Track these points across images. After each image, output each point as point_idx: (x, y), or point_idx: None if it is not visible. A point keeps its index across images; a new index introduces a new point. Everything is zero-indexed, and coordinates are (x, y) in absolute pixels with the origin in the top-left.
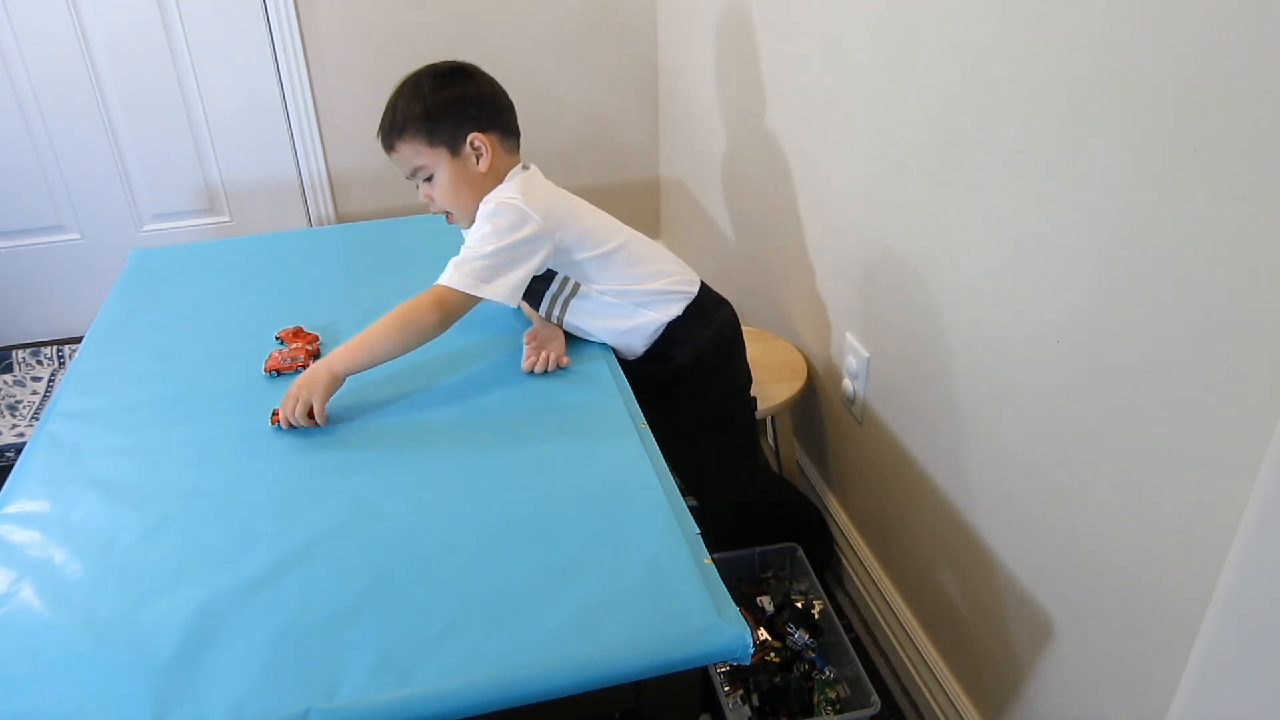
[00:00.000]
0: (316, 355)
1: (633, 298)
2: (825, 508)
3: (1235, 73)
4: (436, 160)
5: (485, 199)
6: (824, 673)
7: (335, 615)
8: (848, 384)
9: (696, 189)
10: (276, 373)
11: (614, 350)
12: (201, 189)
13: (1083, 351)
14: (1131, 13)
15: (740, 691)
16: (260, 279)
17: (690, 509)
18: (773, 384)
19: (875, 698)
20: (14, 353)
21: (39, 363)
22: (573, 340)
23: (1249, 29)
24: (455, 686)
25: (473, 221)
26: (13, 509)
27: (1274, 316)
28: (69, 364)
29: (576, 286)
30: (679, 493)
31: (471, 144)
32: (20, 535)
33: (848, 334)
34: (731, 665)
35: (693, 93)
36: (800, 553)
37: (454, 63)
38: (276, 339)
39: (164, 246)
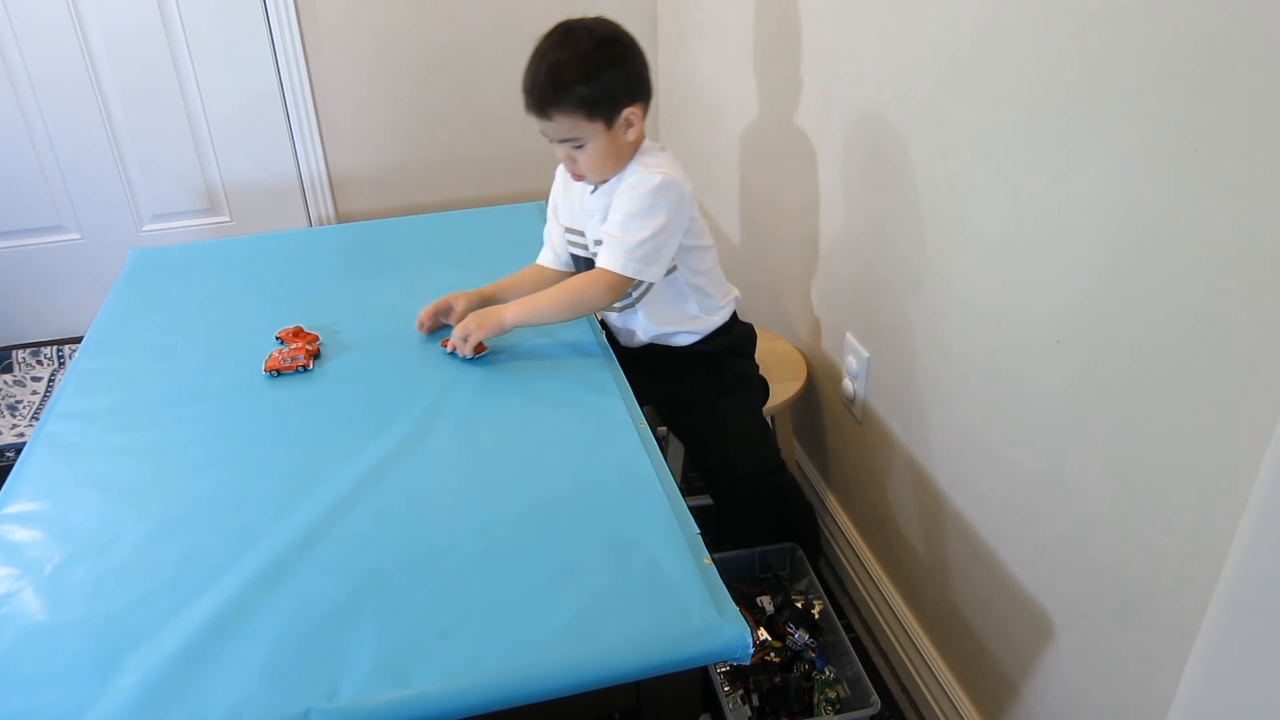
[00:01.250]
0: (316, 355)
1: (702, 296)
2: (825, 507)
3: (1235, 72)
4: (593, 133)
5: (644, 173)
6: (824, 673)
7: (335, 615)
8: (848, 384)
9: (696, 189)
10: (276, 373)
11: (653, 339)
12: (201, 189)
13: (1083, 351)
14: (1131, 12)
15: (740, 691)
16: (260, 279)
17: (690, 509)
18: (773, 384)
19: (875, 698)
20: (14, 353)
21: (39, 363)
22: (573, 341)
23: (1249, 28)
24: (455, 686)
25: (603, 180)
26: (13, 509)
27: (1274, 316)
28: (69, 364)
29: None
30: (679, 493)
31: (627, 118)
32: (20, 535)
33: (848, 334)
34: (731, 665)
35: (692, 93)
36: (800, 552)
37: (609, 26)
38: (276, 339)
39: (164, 246)
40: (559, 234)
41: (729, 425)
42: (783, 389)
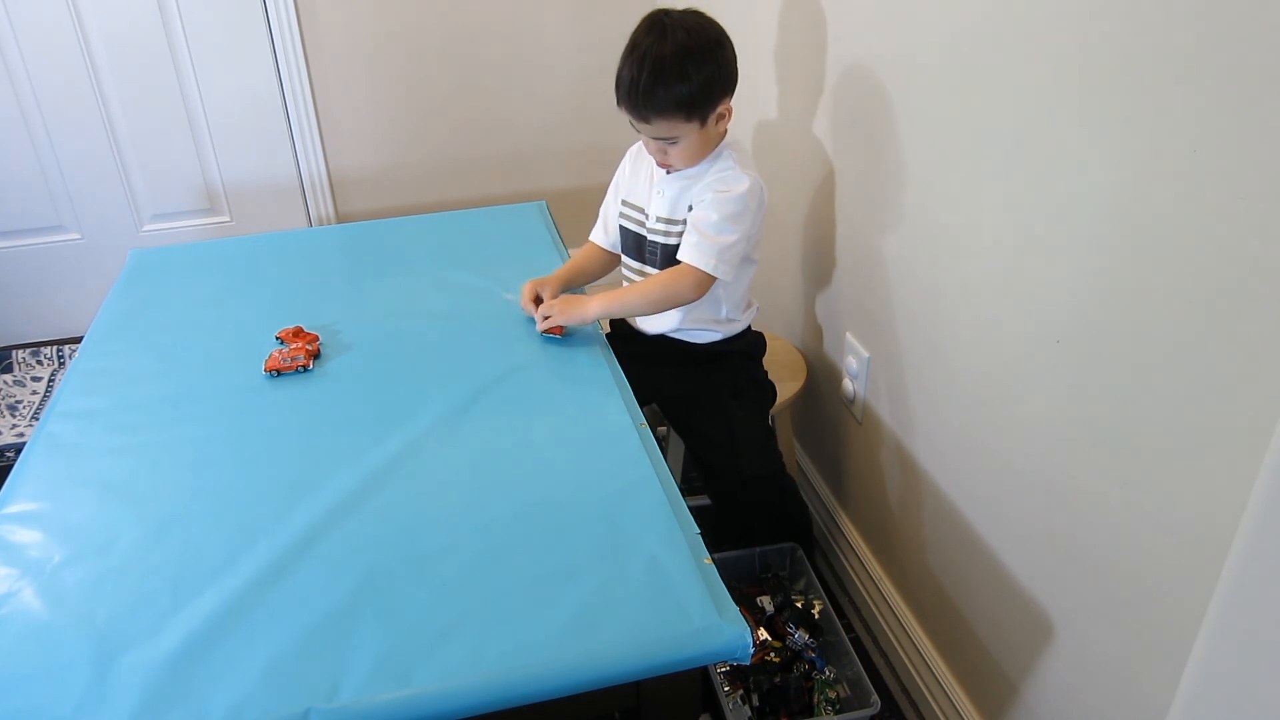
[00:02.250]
0: (316, 355)
1: (734, 300)
2: (825, 507)
3: (1235, 72)
4: (688, 130)
5: (738, 171)
6: (824, 673)
7: (335, 615)
8: (848, 384)
9: None
10: (276, 373)
11: (672, 336)
12: (201, 189)
13: (1083, 351)
14: (1131, 12)
15: (740, 691)
16: (260, 279)
17: (690, 509)
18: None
19: (875, 698)
20: (14, 353)
21: (39, 363)
22: (573, 340)
23: (1249, 28)
24: (455, 686)
25: (688, 165)
26: (13, 509)
27: (1274, 316)
28: (69, 364)
29: None
30: (679, 493)
31: (720, 112)
32: (20, 535)
33: (848, 334)
34: (731, 665)
35: None
36: (800, 553)
37: (700, 19)
38: (276, 339)
39: (164, 246)
40: (615, 209)
41: (737, 426)
42: (783, 389)
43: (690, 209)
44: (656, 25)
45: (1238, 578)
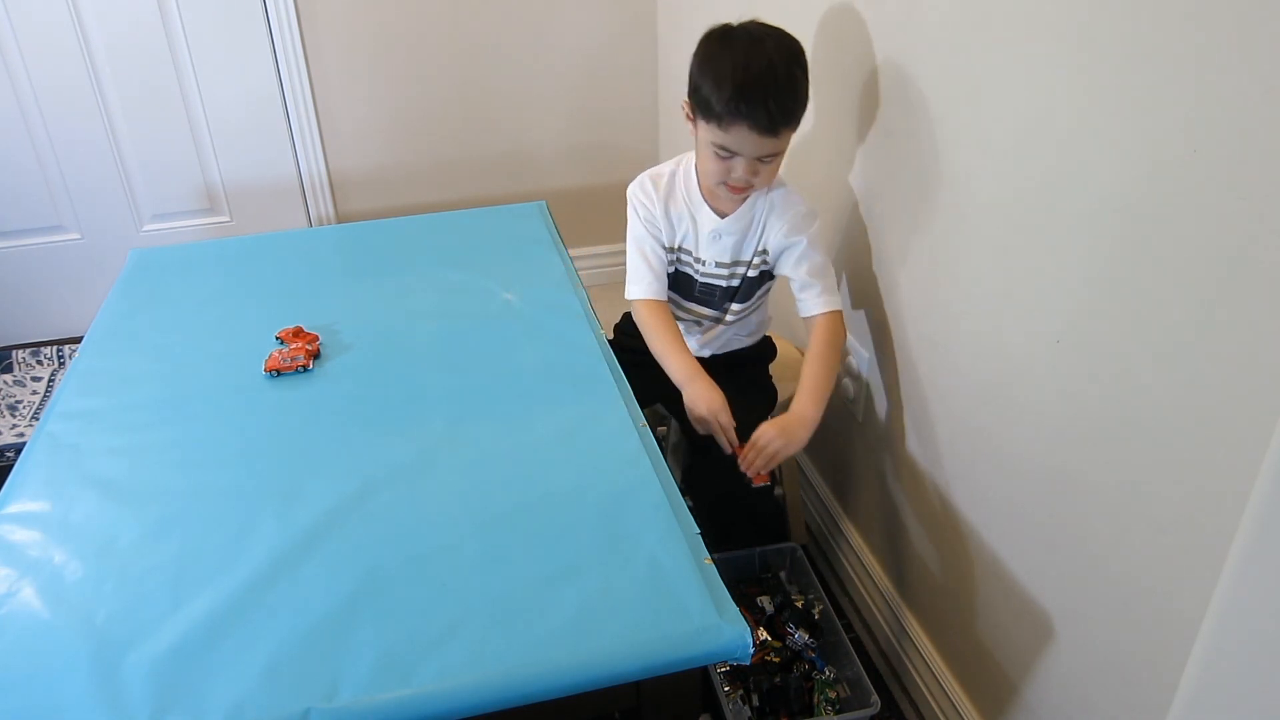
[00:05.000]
0: (316, 355)
1: (764, 312)
2: (825, 507)
3: (1235, 72)
4: (787, 142)
5: (796, 194)
6: (824, 673)
7: (335, 615)
8: (848, 384)
9: None
10: (276, 373)
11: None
12: (201, 189)
13: (1082, 351)
14: (1131, 12)
15: (740, 691)
16: (260, 279)
17: (690, 509)
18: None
19: (875, 698)
20: (14, 353)
21: (39, 363)
22: (573, 340)
23: (1249, 28)
24: (455, 686)
25: (768, 182)
26: (13, 509)
27: (1274, 317)
28: (69, 364)
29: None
30: (679, 493)
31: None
32: (20, 535)
33: (848, 334)
34: (731, 665)
35: None
36: (800, 553)
37: (786, 37)
38: (276, 339)
39: (164, 246)
40: (659, 256)
41: (740, 422)
42: (783, 389)
43: (763, 249)
44: (750, 36)
45: (1238, 578)
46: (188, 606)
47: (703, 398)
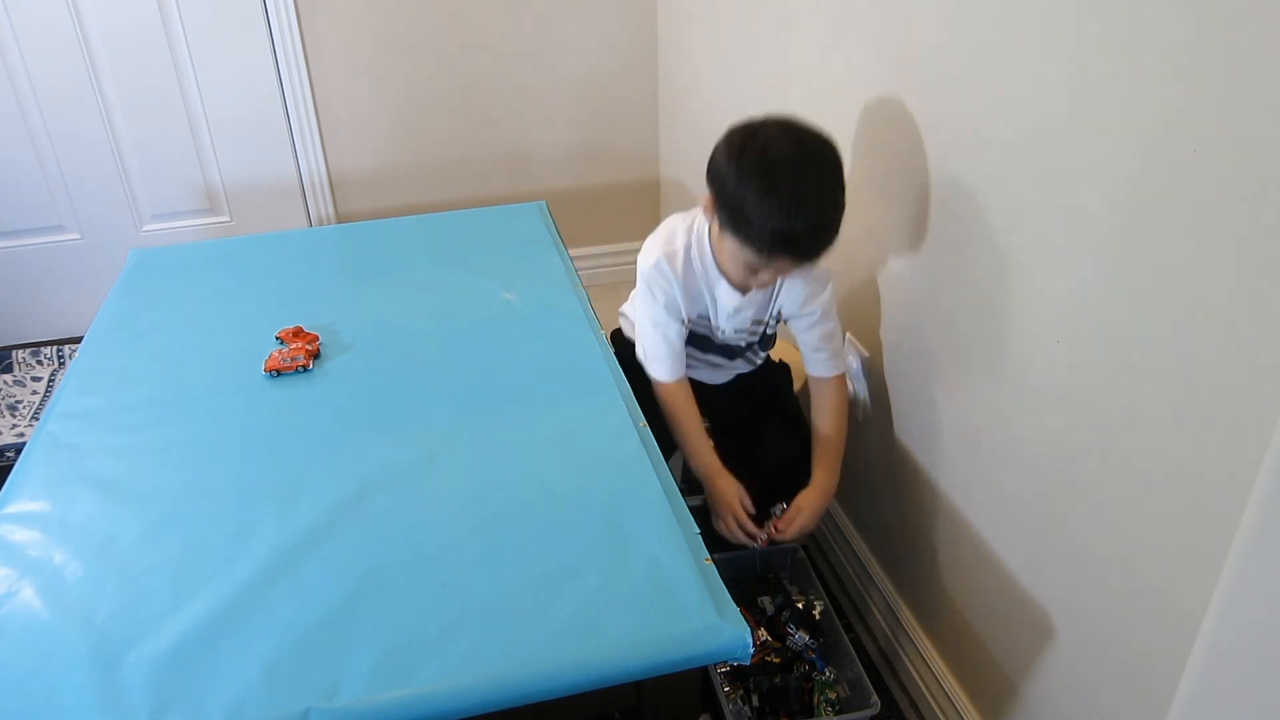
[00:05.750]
0: (316, 355)
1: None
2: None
3: (1235, 72)
4: None
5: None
6: (824, 673)
7: (335, 615)
8: (848, 384)
9: (697, 189)
10: (276, 373)
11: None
12: (201, 189)
13: (1083, 352)
14: (1131, 12)
15: (740, 692)
16: (260, 279)
17: (690, 509)
18: None
19: (875, 698)
20: (14, 353)
21: (39, 363)
22: (573, 341)
23: (1249, 28)
24: (455, 686)
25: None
26: (13, 509)
27: (1274, 317)
28: (69, 364)
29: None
30: (679, 492)
31: None
32: (20, 535)
33: (848, 334)
34: (731, 665)
35: (693, 93)
36: (801, 553)
37: (827, 153)
38: (276, 339)
39: (164, 246)
40: (680, 335)
41: (763, 419)
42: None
43: (778, 310)
44: (793, 165)
45: (1238, 578)
46: (188, 606)
47: (722, 500)
